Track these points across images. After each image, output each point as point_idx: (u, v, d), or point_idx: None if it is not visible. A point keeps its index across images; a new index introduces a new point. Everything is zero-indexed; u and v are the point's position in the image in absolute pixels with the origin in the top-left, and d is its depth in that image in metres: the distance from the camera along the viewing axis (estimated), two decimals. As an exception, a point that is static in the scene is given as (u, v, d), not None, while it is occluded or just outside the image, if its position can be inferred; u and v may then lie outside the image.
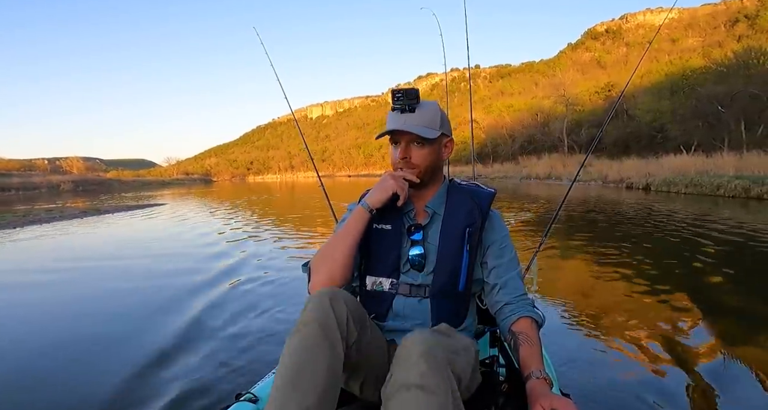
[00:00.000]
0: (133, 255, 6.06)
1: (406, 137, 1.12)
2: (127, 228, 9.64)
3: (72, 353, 2.64)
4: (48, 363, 2.50)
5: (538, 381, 0.94)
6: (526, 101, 61.65)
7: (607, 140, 34.45)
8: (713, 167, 14.37)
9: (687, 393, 1.95)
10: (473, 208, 1.15)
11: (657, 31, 3.46)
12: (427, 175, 1.15)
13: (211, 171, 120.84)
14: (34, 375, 2.34)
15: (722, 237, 5.85)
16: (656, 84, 34.95)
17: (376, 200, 1.09)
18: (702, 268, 4.38)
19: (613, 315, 3.08)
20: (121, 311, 3.50)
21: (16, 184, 39.89)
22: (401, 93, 1.11)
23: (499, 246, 1.17)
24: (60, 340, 2.87)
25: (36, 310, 3.63)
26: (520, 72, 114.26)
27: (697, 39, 76.75)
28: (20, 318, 3.45)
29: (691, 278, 4.10)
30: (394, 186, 1.08)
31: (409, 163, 1.13)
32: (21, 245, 7.39)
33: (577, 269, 4.66)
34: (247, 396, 1.11)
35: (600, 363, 2.30)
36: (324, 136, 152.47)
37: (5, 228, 9.41)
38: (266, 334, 2.76)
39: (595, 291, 3.76)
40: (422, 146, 1.13)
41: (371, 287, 1.16)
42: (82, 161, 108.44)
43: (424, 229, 1.16)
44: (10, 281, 4.79)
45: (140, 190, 39.46)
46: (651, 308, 3.23)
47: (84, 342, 2.83)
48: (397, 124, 1.11)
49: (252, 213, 12.04)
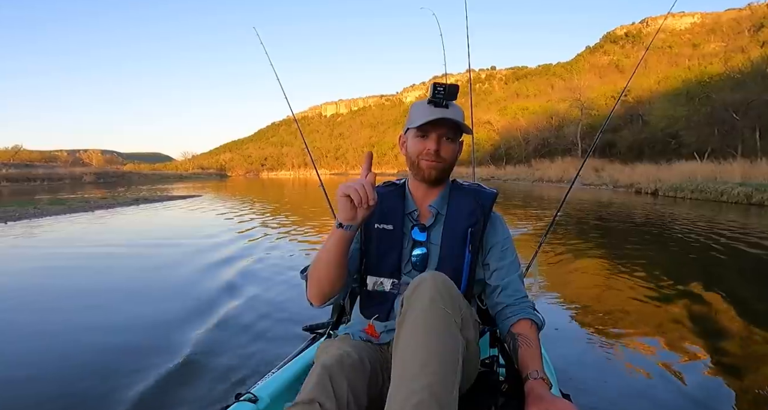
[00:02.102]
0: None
1: (441, 130, 1.11)
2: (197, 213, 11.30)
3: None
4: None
5: (536, 381, 0.95)
6: (541, 104, 61.46)
7: (621, 145, 34.46)
8: (721, 174, 14.58)
9: (691, 399, 1.95)
10: (476, 208, 1.16)
11: (655, 33, 3.60)
12: (450, 170, 1.17)
13: (226, 166, 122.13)
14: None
15: (719, 239, 6.21)
16: (672, 90, 34.78)
17: (342, 216, 1.01)
18: (707, 267, 4.64)
19: (618, 316, 3.13)
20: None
21: (42, 175, 41.21)
22: (443, 87, 1.09)
23: (501, 248, 1.18)
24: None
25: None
26: (536, 74, 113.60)
27: (719, 44, 75.55)
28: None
29: (697, 277, 4.24)
30: (342, 195, 0.97)
31: (439, 156, 1.12)
32: (116, 224, 9.13)
33: (579, 265, 5.01)
34: (247, 396, 1.10)
35: (605, 365, 2.32)
36: (338, 134, 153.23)
37: (78, 212, 11.10)
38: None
39: (598, 290, 3.92)
40: (452, 142, 1.14)
41: (372, 288, 1.16)
42: (101, 154, 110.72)
43: (428, 229, 1.16)
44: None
45: (158, 183, 40.46)
46: (656, 308, 3.30)
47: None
48: (443, 114, 1.09)
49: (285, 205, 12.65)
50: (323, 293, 1.09)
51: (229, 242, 6.40)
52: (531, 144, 45.06)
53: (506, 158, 46.49)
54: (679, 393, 2.00)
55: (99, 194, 19.10)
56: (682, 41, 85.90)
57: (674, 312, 3.22)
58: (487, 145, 55.60)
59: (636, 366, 2.29)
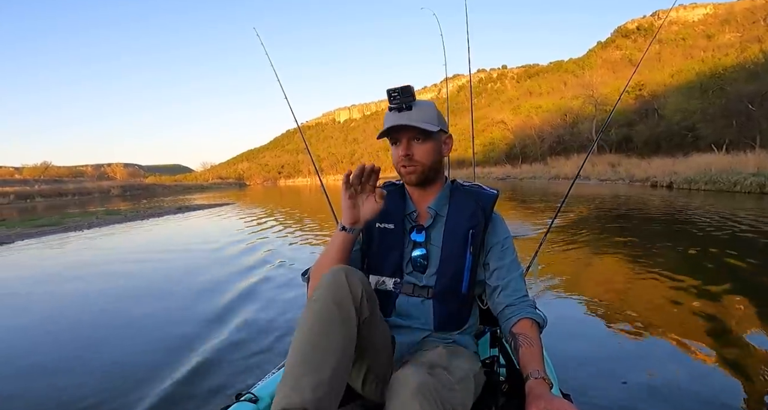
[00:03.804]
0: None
1: (407, 134, 1.11)
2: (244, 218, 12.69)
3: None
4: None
5: (537, 381, 0.94)
6: (554, 102, 61.28)
7: (638, 139, 34.48)
8: (736, 165, 14.88)
9: (704, 400, 1.93)
10: (477, 210, 1.16)
11: (658, 28, 3.83)
12: (431, 171, 1.15)
13: (244, 175, 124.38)
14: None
15: (727, 224, 6.73)
16: (686, 83, 34.69)
17: (344, 216, 1.05)
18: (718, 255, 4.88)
19: (634, 311, 3.13)
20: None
21: (72, 190, 43.12)
22: (397, 91, 1.09)
23: (501, 248, 1.17)
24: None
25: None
26: (548, 72, 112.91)
27: (734, 34, 74.25)
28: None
29: (706, 268, 4.42)
30: (343, 190, 1.03)
31: (412, 160, 1.12)
32: (175, 229, 10.69)
33: (584, 254, 5.50)
34: (248, 396, 1.11)
35: (610, 364, 2.32)
36: (352, 139, 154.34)
37: (134, 220, 13.07)
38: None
39: (609, 281, 4.10)
40: (423, 142, 1.12)
41: (374, 287, 1.16)
42: (123, 167, 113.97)
43: (427, 230, 1.16)
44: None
45: (181, 194, 41.81)
46: (667, 302, 3.33)
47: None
48: (398, 120, 1.10)
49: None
50: None
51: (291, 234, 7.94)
52: (546, 142, 45.11)
53: (522, 157, 46.68)
54: (692, 394, 1.98)
55: (145, 204, 21.83)
56: (695, 33, 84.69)
57: (691, 307, 3.20)
58: (501, 144, 55.80)
59: (652, 364, 2.28)
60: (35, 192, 39.50)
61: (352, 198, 1.03)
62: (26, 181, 54.55)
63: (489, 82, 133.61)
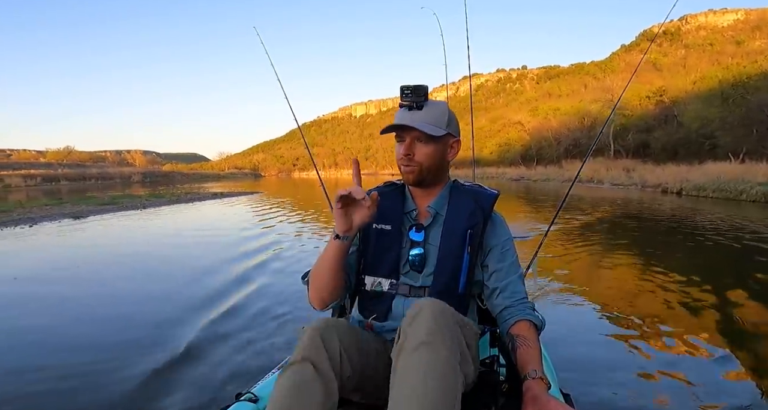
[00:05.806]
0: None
1: (412, 133, 1.10)
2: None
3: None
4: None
5: (534, 381, 0.94)
6: (573, 104, 60.73)
7: (655, 145, 34.23)
8: (747, 175, 15.00)
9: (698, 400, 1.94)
10: (476, 210, 1.15)
11: (660, 26, 4.26)
12: (430, 174, 1.14)
13: (259, 166, 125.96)
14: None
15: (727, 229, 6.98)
16: (707, 90, 34.27)
17: (337, 225, 1.04)
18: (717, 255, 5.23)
19: (642, 312, 3.16)
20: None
21: (95, 174, 44.53)
22: (410, 90, 1.09)
23: (500, 250, 1.16)
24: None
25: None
26: (569, 74, 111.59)
27: (765, 41, 72.61)
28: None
29: (703, 269, 4.61)
30: (335, 201, 1.01)
31: (412, 160, 1.11)
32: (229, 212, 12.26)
33: (586, 253, 5.78)
34: (247, 395, 1.11)
35: (610, 364, 2.35)
36: (368, 134, 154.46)
37: (179, 203, 14.53)
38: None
39: (611, 283, 4.16)
40: (426, 144, 1.11)
41: (371, 288, 1.16)
42: (142, 154, 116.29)
43: (426, 230, 1.16)
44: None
45: (199, 182, 42.50)
46: (679, 305, 3.35)
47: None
48: (404, 119, 1.10)
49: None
50: (323, 299, 1.12)
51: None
52: (562, 145, 44.91)
53: (537, 159, 46.55)
54: (701, 394, 1.99)
55: (184, 188, 24.40)
56: (724, 39, 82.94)
57: (692, 307, 3.25)
58: (517, 145, 55.66)
59: (655, 365, 2.30)
60: (60, 175, 40.89)
61: (344, 207, 1.02)
62: (50, 164, 56.23)
63: (508, 82, 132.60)
